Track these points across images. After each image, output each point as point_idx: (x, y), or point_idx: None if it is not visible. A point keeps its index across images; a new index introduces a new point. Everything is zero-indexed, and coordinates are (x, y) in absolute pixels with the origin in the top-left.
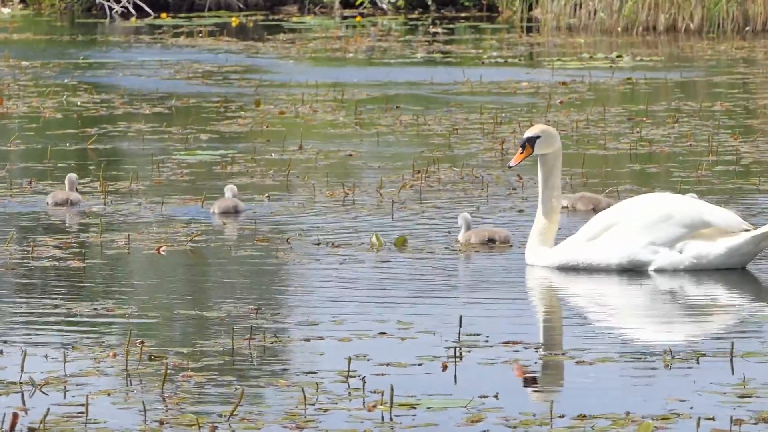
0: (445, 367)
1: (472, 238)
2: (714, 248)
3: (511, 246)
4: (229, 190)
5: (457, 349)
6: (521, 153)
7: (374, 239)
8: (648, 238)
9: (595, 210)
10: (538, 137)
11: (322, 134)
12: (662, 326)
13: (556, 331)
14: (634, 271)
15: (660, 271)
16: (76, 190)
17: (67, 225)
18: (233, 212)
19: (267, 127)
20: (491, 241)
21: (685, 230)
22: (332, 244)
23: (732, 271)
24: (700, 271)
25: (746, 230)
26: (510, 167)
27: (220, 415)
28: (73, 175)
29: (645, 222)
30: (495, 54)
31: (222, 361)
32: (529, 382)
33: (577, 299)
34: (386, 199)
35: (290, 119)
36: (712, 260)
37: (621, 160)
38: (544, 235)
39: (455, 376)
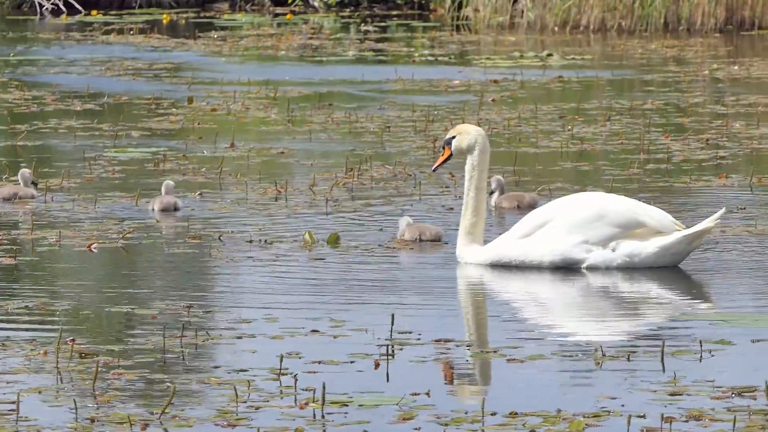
0: (377, 365)
1: (406, 234)
2: (646, 247)
3: (447, 243)
4: (165, 186)
5: (389, 347)
6: (442, 155)
7: (307, 237)
8: (581, 236)
9: (520, 207)
10: (454, 137)
11: (254, 132)
12: (594, 324)
13: (488, 328)
14: (567, 268)
15: (593, 268)
16: (34, 184)
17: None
18: (173, 210)
19: (199, 124)
20: (421, 239)
21: (618, 230)
22: (265, 241)
23: (665, 269)
24: (633, 269)
25: (679, 230)
26: (433, 171)
27: (152, 413)
28: (26, 171)
29: (578, 220)
30: (427, 52)
31: (153, 359)
32: (461, 380)
33: (509, 297)
34: (319, 197)
35: (222, 117)
36: (644, 259)
37: (552, 158)
38: (472, 232)
39: (387, 374)
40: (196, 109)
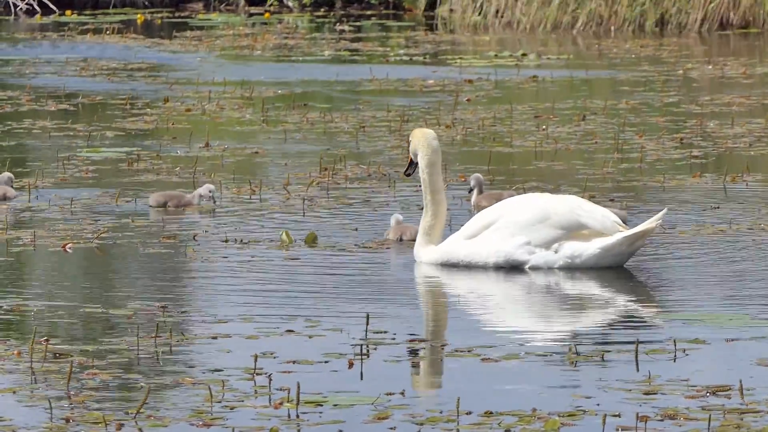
0: (351, 365)
1: (390, 234)
2: (588, 248)
3: None
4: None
5: (364, 347)
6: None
7: (284, 236)
8: (525, 238)
9: None
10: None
11: (228, 132)
12: (567, 324)
13: (463, 328)
14: (512, 268)
15: (535, 269)
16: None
17: None
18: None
19: (173, 124)
20: (402, 239)
21: (561, 231)
22: (241, 241)
23: (633, 267)
24: (601, 268)
25: (621, 231)
26: (405, 175)
27: (127, 413)
28: (6, 174)
29: (522, 222)
30: (402, 52)
31: (127, 359)
32: (436, 379)
33: (481, 297)
34: (293, 197)
35: (197, 117)
36: (585, 260)
37: (527, 157)
38: (429, 233)
39: (362, 373)
40: (171, 109)
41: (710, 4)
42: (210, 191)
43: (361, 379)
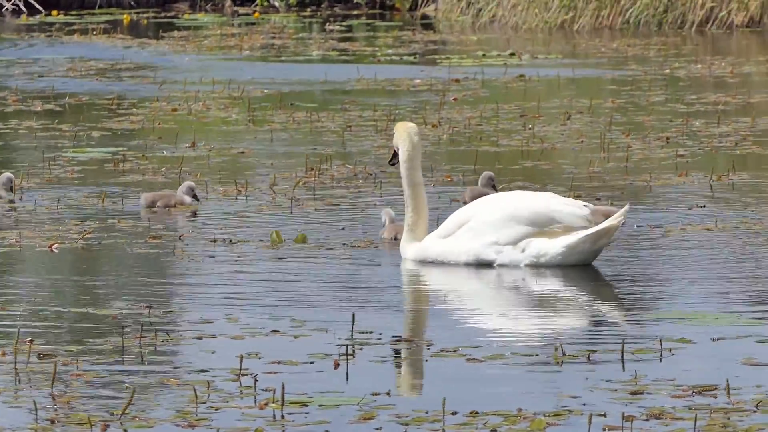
0: (336, 365)
1: (385, 233)
2: (553, 247)
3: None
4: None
5: (350, 347)
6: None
7: (274, 236)
8: (493, 236)
9: None
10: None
11: (215, 131)
12: (552, 323)
13: (448, 328)
14: (484, 266)
15: (502, 267)
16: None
17: None
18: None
19: (159, 124)
20: (396, 238)
21: (529, 229)
22: (230, 241)
23: (619, 266)
24: (583, 268)
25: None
26: (390, 164)
27: (112, 414)
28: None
29: (492, 221)
30: (391, 51)
31: (112, 360)
32: (422, 379)
33: (465, 296)
34: (279, 196)
35: (183, 117)
36: (550, 259)
37: (513, 156)
38: (414, 230)
39: (347, 374)
40: (157, 109)
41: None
42: (191, 188)
43: (347, 379)
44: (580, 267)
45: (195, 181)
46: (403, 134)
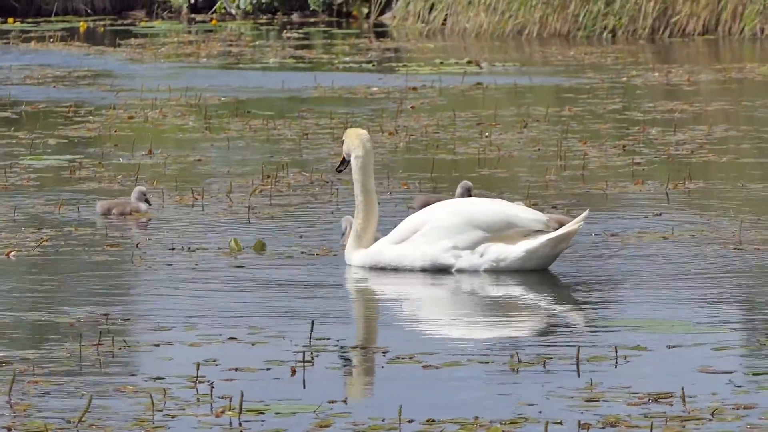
0: (294, 372)
1: (346, 241)
2: (512, 251)
3: None
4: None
5: (307, 354)
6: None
7: (233, 244)
8: (451, 241)
9: None
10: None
11: (171, 139)
12: (507, 330)
13: (405, 335)
14: (440, 272)
15: (461, 272)
16: None
17: None
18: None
19: (116, 131)
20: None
21: (487, 234)
22: (188, 249)
23: (575, 273)
24: (541, 273)
25: (546, 231)
26: (337, 171)
27: (69, 422)
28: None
29: (448, 226)
30: (348, 59)
31: (69, 367)
32: (378, 387)
33: (421, 303)
34: (236, 204)
35: (139, 124)
36: (510, 263)
37: (470, 164)
38: (361, 236)
39: (304, 381)
40: (113, 117)
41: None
42: (143, 193)
43: (304, 387)
44: (537, 273)
45: (147, 188)
46: (356, 141)
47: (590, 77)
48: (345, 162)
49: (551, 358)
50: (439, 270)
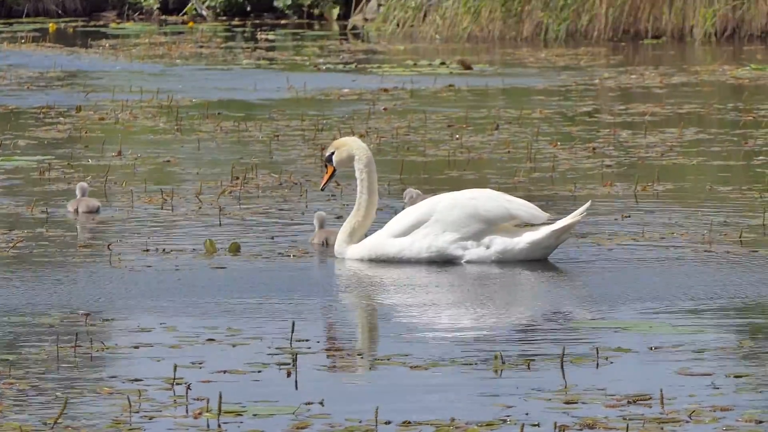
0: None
1: (315, 238)
2: (518, 243)
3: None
4: (80, 188)
5: (287, 355)
6: (326, 173)
7: (208, 245)
8: (457, 234)
9: None
10: (333, 153)
11: (141, 140)
12: (491, 330)
13: (386, 335)
14: (445, 264)
15: (470, 263)
16: None
17: None
18: (95, 212)
19: (86, 133)
20: (327, 243)
21: (491, 225)
22: (163, 250)
23: (556, 271)
24: (525, 273)
25: (548, 222)
26: (321, 189)
27: (45, 423)
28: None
29: (454, 218)
30: (321, 61)
31: (46, 369)
32: (355, 387)
33: (405, 302)
34: (205, 205)
35: (110, 125)
36: (516, 254)
37: (440, 166)
38: (354, 233)
39: (283, 383)
40: (84, 118)
41: (626, 14)
42: (83, 190)
43: (283, 388)
44: (518, 274)
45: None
46: (355, 144)
47: (562, 79)
48: (333, 176)
49: (534, 359)
50: (446, 261)
